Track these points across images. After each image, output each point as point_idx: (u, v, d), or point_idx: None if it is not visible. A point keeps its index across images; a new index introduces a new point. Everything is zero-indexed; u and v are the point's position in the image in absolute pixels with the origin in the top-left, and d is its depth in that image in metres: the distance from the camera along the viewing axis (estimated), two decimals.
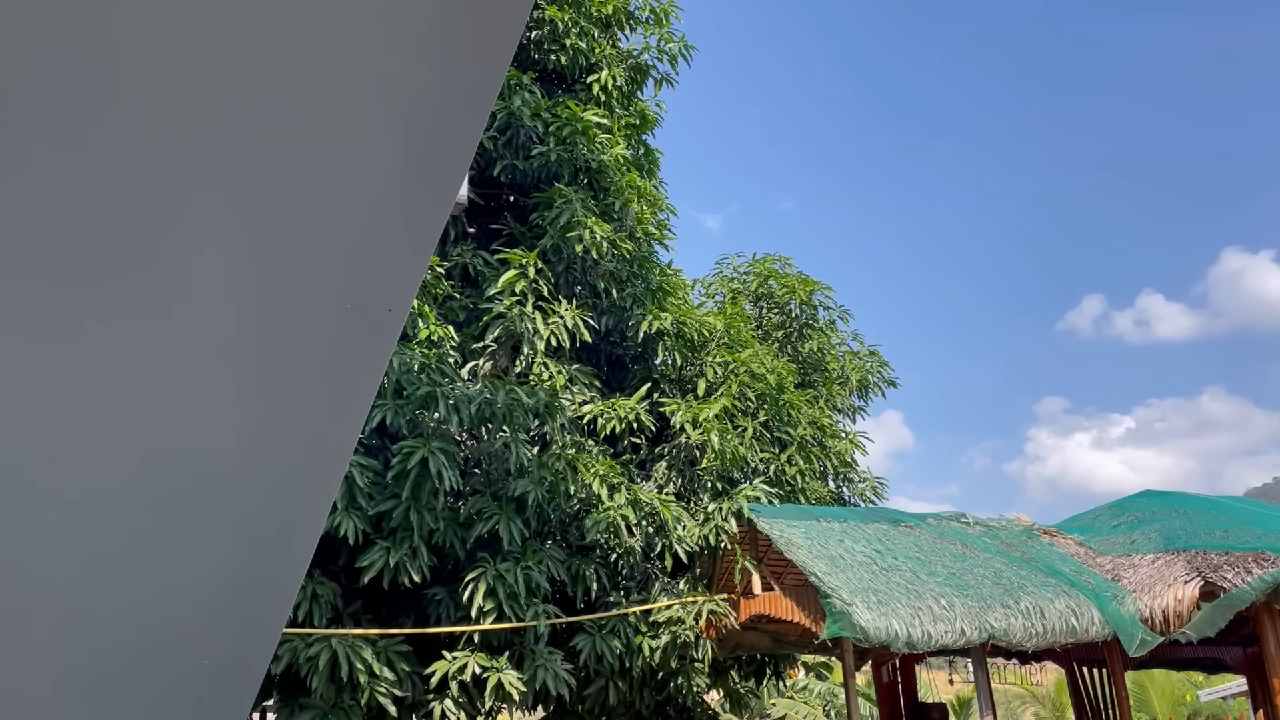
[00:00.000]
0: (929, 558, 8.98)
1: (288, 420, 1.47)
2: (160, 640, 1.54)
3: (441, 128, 1.29)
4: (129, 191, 1.21)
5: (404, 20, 1.20)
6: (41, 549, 1.39)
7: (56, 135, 1.14)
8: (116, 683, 1.54)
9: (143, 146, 1.19)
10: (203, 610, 1.56)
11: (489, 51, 1.25)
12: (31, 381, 1.28)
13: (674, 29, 12.44)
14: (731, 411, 10.57)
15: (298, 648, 7.68)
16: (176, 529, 1.48)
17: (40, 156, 1.15)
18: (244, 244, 1.30)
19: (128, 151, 1.18)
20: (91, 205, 1.20)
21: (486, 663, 8.20)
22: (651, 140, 12.65)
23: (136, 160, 1.19)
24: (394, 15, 1.19)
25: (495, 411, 8.71)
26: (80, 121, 1.14)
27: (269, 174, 1.27)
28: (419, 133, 1.29)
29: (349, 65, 1.22)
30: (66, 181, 1.18)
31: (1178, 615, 8.06)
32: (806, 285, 14.19)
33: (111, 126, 1.16)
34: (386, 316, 1.40)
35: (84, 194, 1.19)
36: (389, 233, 1.35)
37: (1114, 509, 10.74)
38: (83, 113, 1.14)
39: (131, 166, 1.19)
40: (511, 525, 8.64)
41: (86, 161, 1.17)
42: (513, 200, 11.35)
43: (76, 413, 1.33)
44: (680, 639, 9.32)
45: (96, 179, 1.19)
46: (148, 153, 1.19)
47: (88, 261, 1.24)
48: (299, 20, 1.17)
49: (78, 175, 1.18)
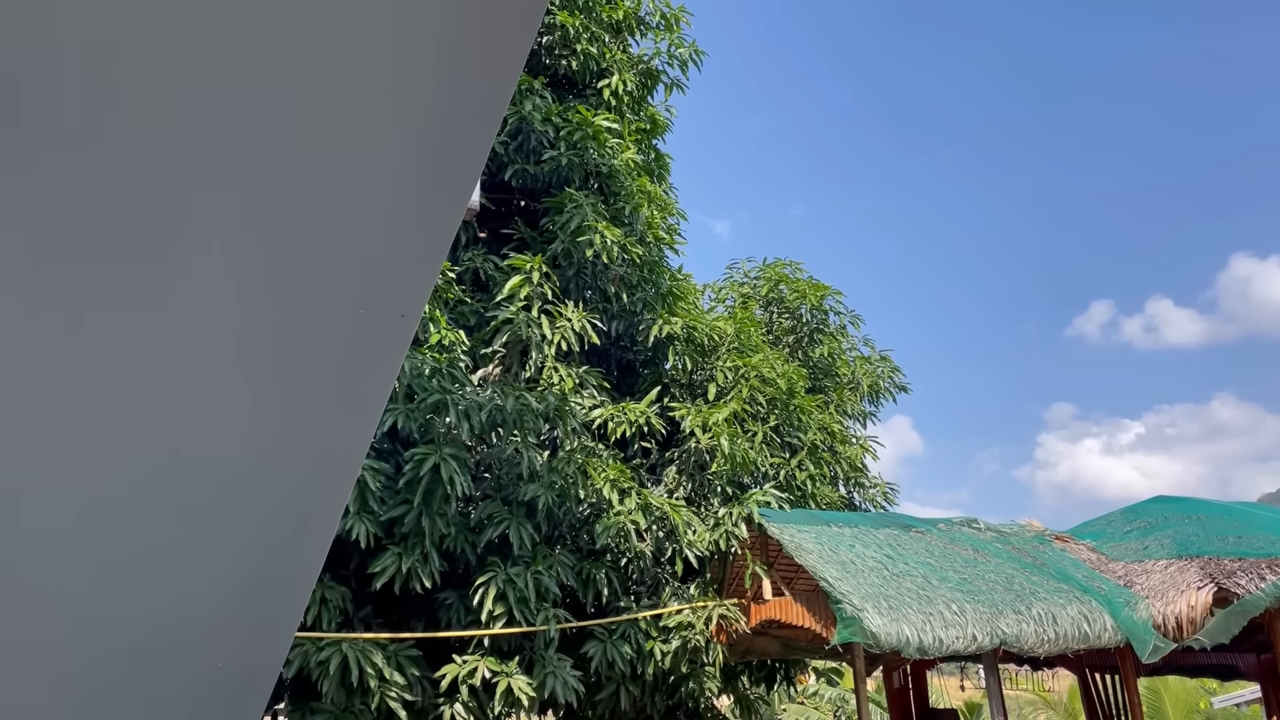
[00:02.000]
0: (940, 563, 8.95)
1: (301, 425, 1.48)
2: (174, 644, 1.55)
3: (454, 134, 1.30)
4: (144, 199, 1.22)
5: (416, 28, 1.21)
6: (57, 554, 1.41)
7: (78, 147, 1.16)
8: (131, 686, 1.55)
9: (153, 153, 1.20)
10: (216, 614, 1.57)
11: (501, 58, 1.26)
12: (46, 388, 1.29)
13: (684, 34, 12.47)
14: (742, 416, 10.56)
15: (309, 652, 7.70)
16: (190, 534, 1.49)
17: (61, 168, 1.16)
18: (258, 250, 1.31)
19: (143, 160, 1.19)
20: (108, 214, 1.21)
21: (496, 667, 8.20)
22: (662, 145, 12.67)
23: (152, 167, 1.20)
24: (406, 23, 1.20)
25: (505, 417, 8.73)
26: (100, 133, 1.15)
27: (282, 180, 1.27)
28: (431, 139, 1.30)
29: (362, 72, 1.23)
30: (85, 192, 1.19)
31: (1191, 621, 8.02)
32: (817, 290, 14.17)
33: (130, 137, 1.17)
34: (399, 322, 1.41)
35: (101, 204, 1.20)
36: (402, 239, 1.36)
37: (1126, 515, 10.69)
38: (103, 126, 1.15)
39: (147, 173, 1.21)
40: (522, 530, 8.65)
41: (103, 171, 1.18)
42: (523, 205, 11.37)
43: (91, 419, 1.34)
44: (691, 644, 9.31)
45: (112, 188, 1.20)
46: (158, 159, 1.21)
47: (104, 270, 1.25)
48: (313, 28, 1.17)
49: (95, 185, 1.19)
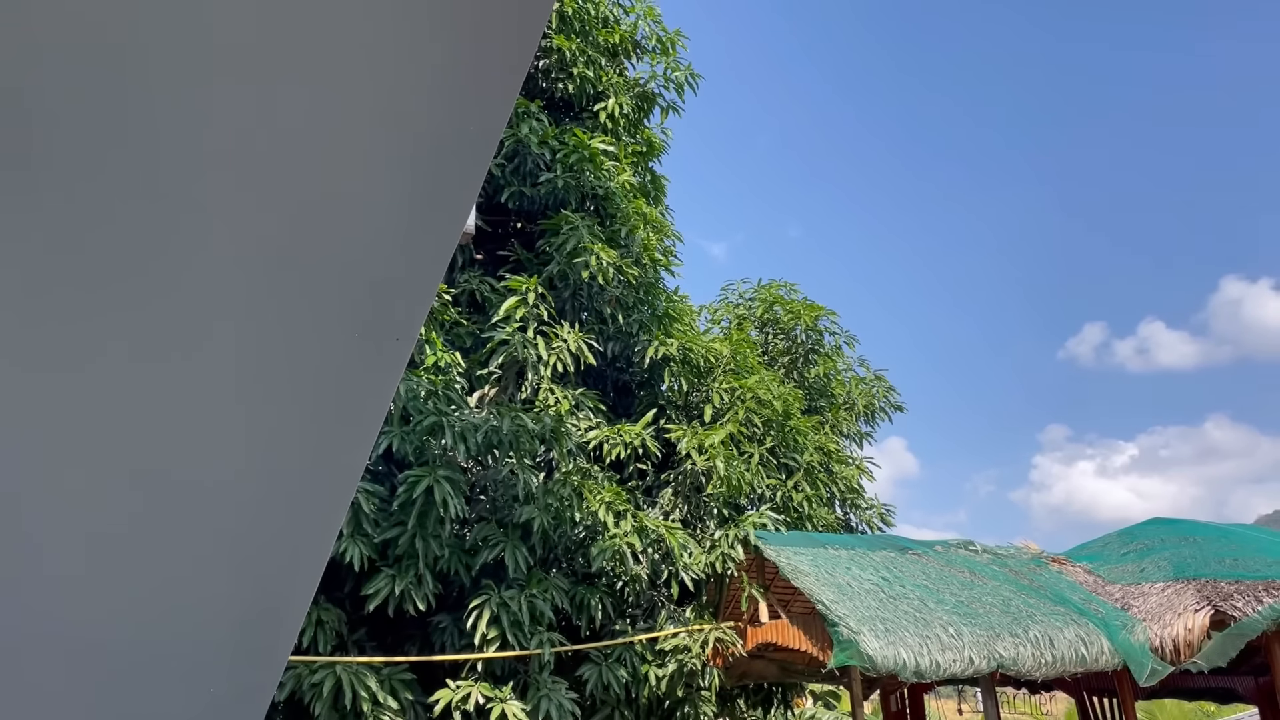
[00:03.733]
0: (937, 586, 8.93)
1: (296, 447, 1.47)
2: (167, 668, 1.54)
3: (450, 156, 1.31)
4: (138, 221, 1.22)
5: (413, 50, 1.21)
6: (48, 577, 1.40)
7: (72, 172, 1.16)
8: (124, 712, 1.53)
9: (153, 176, 1.20)
10: (209, 638, 1.55)
11: (498, 82, 1.26)
12: (38, 410, 1.29)
13: (680, 58, 12.57)
14: (738, 437, 10.55)
15: (302, 675, 7.64)
16: (184, 556, 1.48)
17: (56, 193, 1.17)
18: (253, 272, 1.31)
19: (139, 180, 1.20)
20: (101, 234, 1.21)
21: (490, 692, 8.14)
22: (658, 167, 12.74)
23: (147, 190, 1.21)
24: (404, 46, 1.20)
25: (501, 439, 8.71)
26: (94, 157, 1.16)
27: (278, 203, 1.28)
28: (428, 162, 1.30)
29: (359, 95, 1.23)
30: (78, 218, 1.19)
31: (1188, 644, 7.99)
32: (812, 311, 14.20)
33: (125, 157, 1.17)
34: (394, 345, 1.41)
35: (95, 223, 1.20)
36: (397, 262, 1.36)
37: (1123, 537, 10.68)
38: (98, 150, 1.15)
39: (142, 196, 1.21)
40: (517, 553, 8.62)
41: (97, 195, 1.18)
42: (520, 227, 11.41)
43: (84, 442, 1.33)
44: (687, 667, 9.25)
45: (108, 209, 1.20)
46: (158, 182, 1.21)
47: (95, 291, 1.25)
48: (310, 51, 1.18)
49: (88, 210, 1.19)
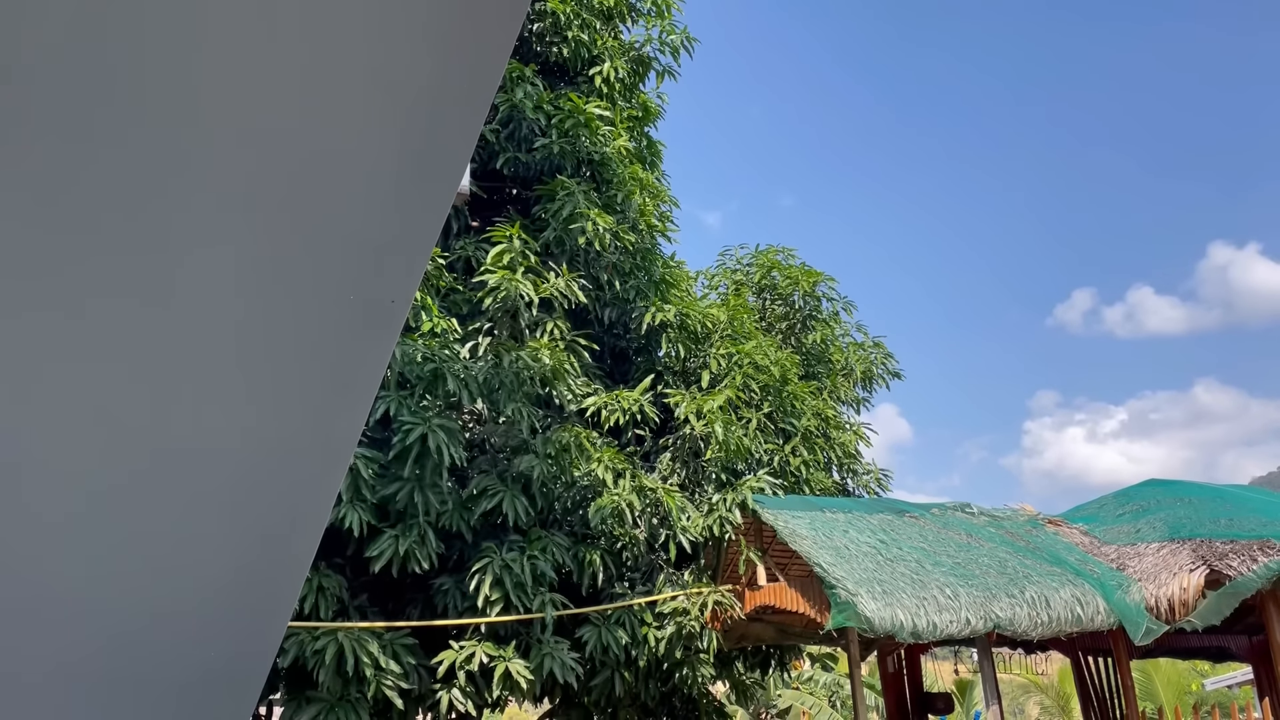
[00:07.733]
0: (934, 548, 8.99)
1: (291, 413, 1.47)
2: (165, 634, 1.55)
3: (442, 119, 1.29)
4: (128, 186, 1.21)
5: (404, 12, 1.19)
6: (47, 544, 1.40)
7: (59, 133, 1.14)
8: (122, 677, 1.54)
9: (141, 141, 1.19)
10: (208, 604, 1.56)
11: (489, 43, 1.25)
12: (35, 378, 1.28)
13: (675, 20, 12.43)
14: (735, 403, 10.56)
15: (304, 641, 7.71)
16: (181, 523, 1.48)
17: (44, 154, 1.15)
18: (245, 238, 1.30)
19: (128, 147, 1.18)
20: (93, 200, 1.20)
21: (494, 652, 8.23)
22: (654, 133, 12.64)
23: (135, 154, 1.19)
24: (394, 7, 1.18)
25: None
26: (81, 117, 1.14)
27: (269, 167, 1.26)
28: (419, 124, 1.29)
29: (349, 57, 1.22)
30: (69, 177, 1.17)
31: (1183, 604, 8.06)
32: (810, 276, 14.16)
33: (111, 121, 1.16)
34: (389, 308, 1.40)
35: (86, 189, 1.19)
36: (391, 225, 1.35)
37: (1119, 498, 10.73)
38: (83, 108, 1.14)
39: (131, 161, 1.19)
40: (516, 503, 8.69)
41: (87, 157, 1.17)
42: (515, 193, 11.34)
43: (79, 408, 1.33)
44: (685, 630, 9.34)
45: (97, 174, 1.19)
46: (147, 147, 1.19)
47: (89, 258, 1.24)
48: (298, 13, 1.16)
49: (87, 179, 1.18)
